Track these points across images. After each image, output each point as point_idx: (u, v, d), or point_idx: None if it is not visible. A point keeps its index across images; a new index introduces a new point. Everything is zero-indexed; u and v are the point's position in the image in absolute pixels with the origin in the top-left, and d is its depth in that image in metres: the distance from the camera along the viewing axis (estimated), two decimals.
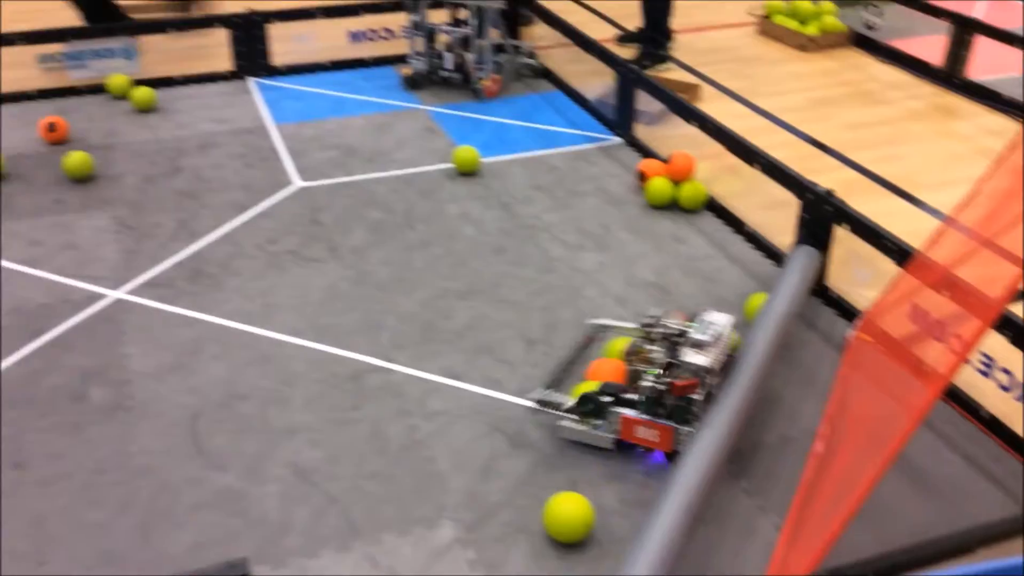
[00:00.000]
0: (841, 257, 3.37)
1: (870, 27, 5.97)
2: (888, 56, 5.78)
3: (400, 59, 5.57)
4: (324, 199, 4.06)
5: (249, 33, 5.23)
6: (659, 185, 4.00)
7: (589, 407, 2.61)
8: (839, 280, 3.38)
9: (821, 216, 3.33)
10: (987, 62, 5.28)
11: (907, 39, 5.89)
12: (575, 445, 2.68)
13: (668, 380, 2.55)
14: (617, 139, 4.66)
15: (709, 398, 2.58)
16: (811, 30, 5.95)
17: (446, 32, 5.16)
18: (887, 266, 3.07)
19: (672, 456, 2.59)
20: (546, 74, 5.42)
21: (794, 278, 3.13)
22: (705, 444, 2.41)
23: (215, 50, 5.39)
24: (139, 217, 3.89)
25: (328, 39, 5.55)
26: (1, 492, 2.51)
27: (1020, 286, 2.15)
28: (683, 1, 5.75)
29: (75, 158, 4.14)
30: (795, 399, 2.90)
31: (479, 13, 5.01)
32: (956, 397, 2.85)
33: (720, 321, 2.67)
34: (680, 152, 4.07)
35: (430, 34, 5.16)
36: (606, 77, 4.83)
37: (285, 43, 5.42)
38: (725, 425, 2.49)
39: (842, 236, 3.28)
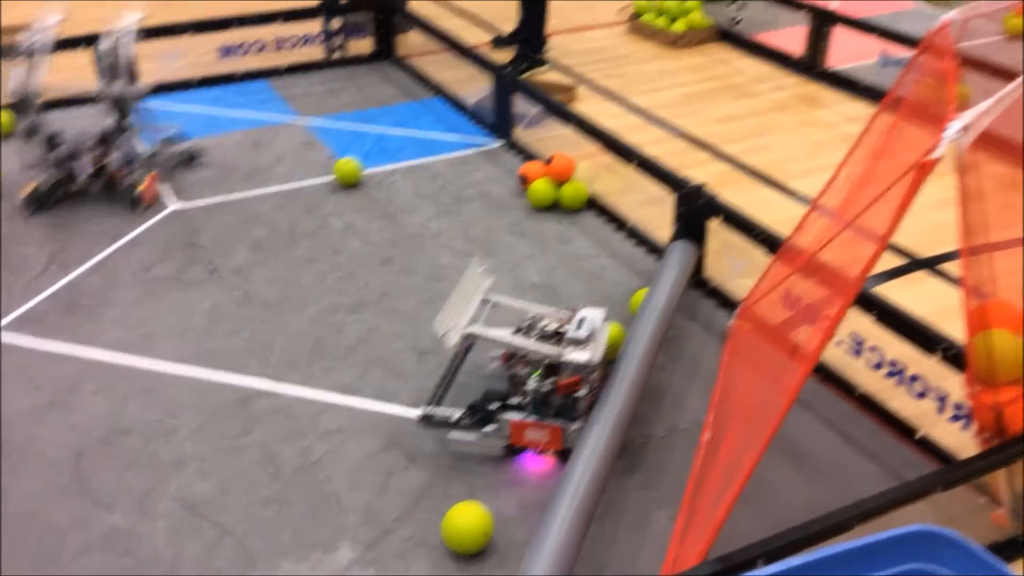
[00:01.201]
0: (717, 249, 3.47)
1: (735, 22, 6.16)
2: (753, 49, 5.98)
3: (273, 72, 5.50)
4: (201, 220, 3.97)
5: None
6: (541, 187, 4.05)
7: (478, 416, 2.62)
8: (716, 271, 3.48)
9: (695, 210, 3.42)
10: (844, 51, 5.52)
11: (769, 32, 6.11)
12: (471, 454, 2.70)
13: (553, 380, 2.58)
14: (498, 143, 4.70)
15: (593, 393, 2.62)
16: (679, 27, 6.10)
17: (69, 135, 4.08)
18: (760, 255, 3.18)
19: (563, 454, 2.63)
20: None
21: (672, 272, 3.21)
22: (594, 441, 2.45)
23: (81, 71, 5.20)
24: (6, 251, 3.73)
25: (197, 55, 5.42)
26: None
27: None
28: (555, 1, 5.82)
29: None
30: (681, 390, 2.97)
31: (120, 103, 4.05)
32: (831, 378, 2.97)
33: (594, 316, 2.72)
34: (560, 153, 4.13)
35: (50, 138, 4.03)
36: (484, 82, 4.85)
37: (151, 61, 5.26)
38: (612, 420, 2.53)
39: (717, 228, 3.37)
